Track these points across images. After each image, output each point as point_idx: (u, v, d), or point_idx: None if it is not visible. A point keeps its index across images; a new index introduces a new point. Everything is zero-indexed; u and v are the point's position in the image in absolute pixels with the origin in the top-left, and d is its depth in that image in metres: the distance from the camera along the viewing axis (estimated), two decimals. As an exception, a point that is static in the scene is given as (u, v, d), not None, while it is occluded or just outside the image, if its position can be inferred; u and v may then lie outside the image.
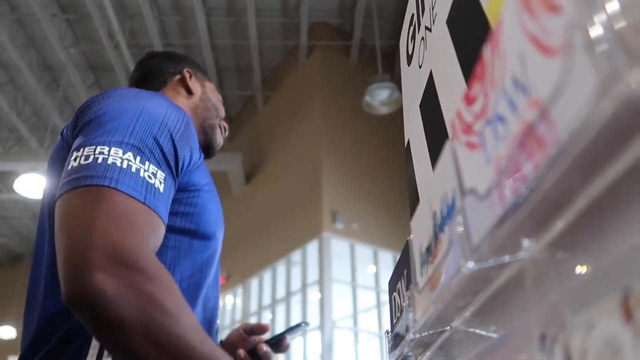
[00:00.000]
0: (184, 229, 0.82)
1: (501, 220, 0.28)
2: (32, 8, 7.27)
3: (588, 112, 0.20)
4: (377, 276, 7.34)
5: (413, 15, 0.78)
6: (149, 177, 0.71)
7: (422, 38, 0.71)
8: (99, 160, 0.68)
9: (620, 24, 0.18)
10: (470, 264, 0.31)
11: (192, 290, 0.82)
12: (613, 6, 0.19)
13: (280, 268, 7.79)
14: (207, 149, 1.08)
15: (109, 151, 0.70)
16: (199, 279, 0.84)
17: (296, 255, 7.38)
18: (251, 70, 8.87)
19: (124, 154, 0.70)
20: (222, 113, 1.11)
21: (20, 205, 11.63)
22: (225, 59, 8.87)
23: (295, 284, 7.38)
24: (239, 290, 8.71)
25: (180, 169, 0.78)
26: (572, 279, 0.28)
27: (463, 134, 0.32)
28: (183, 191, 0.82)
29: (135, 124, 0.75)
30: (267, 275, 8.07)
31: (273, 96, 9.26)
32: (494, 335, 0.44)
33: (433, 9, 0.66)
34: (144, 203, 0.68)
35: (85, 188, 0.66)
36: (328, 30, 8.55)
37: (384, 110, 6.34)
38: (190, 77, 1.09)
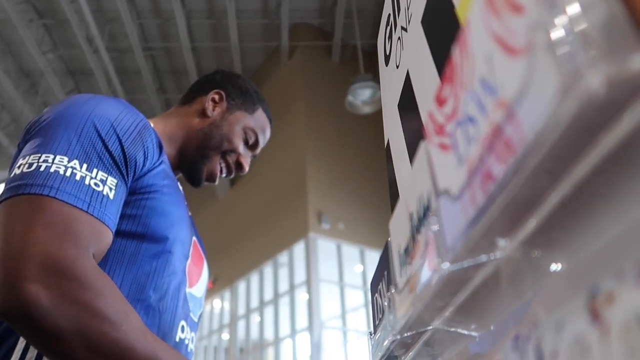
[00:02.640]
0: (130, 232, 0.79)
1: (474, 221, 0.28)
2: (8, 14, 7.16)
3: (552, 112, 0.20)
4: (364, 275, 7.36)
5: (389, 15, 0.79)
6: (96, 184, 0.70)
7: (399, 38, 0.72)
8: (42, 169, 0.67)
9: (581, 24, 0.18)
10: (445, 265, 0.31)
11: (134, 294, 0.78)
12: (573, 6, 0.19)
13: (268, 270, 7.77)
14: (190, 175, 1.03)
15: (53, 159, 0.68)
16: (144, 284, 0.79)
17: (283, 257, 7.38)
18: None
19: (69, 161, 0.69)
20: (229, 148, 1.03)
21: (1, 214, 11.45)
22: (206, 62, 8.83)
23: (283, 286, 7.37)
24: (227, 294, 8.67)
25: (132, 173, 0.77)
26: (546, 277, 0.28)
27: (436, 135, 0.32)
28: (133, 194, 0.79)
29: (82, 130, 0.73)
30: (254, 278, 8.04)
31: (256, 98, 9.22)
32: (475, 334, 0.44)
33: (408, 9, 0.66)
34: (86, 211, 0.67)
35: (24, 196, 0.65)
36: (309, 30, 8.56)
37: (367, 109, 6.37)
38: (220, 100, 1.06)
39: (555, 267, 0.29)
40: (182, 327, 0.86)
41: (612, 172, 0.22)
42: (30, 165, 0.68)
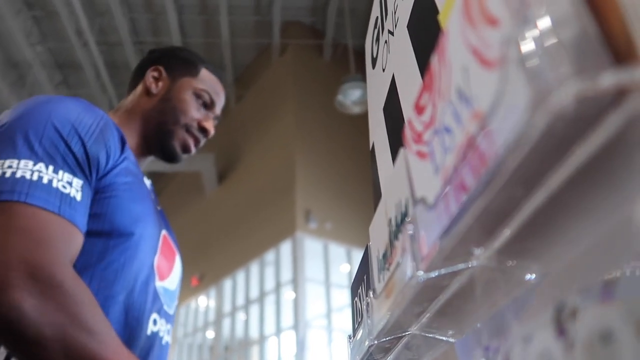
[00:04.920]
0: (96, 231, 0.78)
1: (449, 230, 0.28)
2: (-4, 4, 7.06)
3: (523, 126, 0.20)
4: (350, 275, 7.37)
5: (377, 18, 0.79)
6: (63, 186, 0.70)
7: (386, 41, 0.72)
8: (7, 175, 0.67)
9: (552, 39, 0.19)
10: (420, 273, 0.31)
11: (103, 291, 0.77)
12: (545, 22, 0.19)
13: (254, 268, 7.75)
14: (164, 154, 1.01)
15: (18, 164, 0.68)
16: (112, 281, 0.79)
17: (270, 255, 7.36)
18: (223, 68, 8.80)
19: (34, 165, 0.69)
20: (187, 120, 1.00)
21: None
22: (197, 58, 8.77)
23: (269, 284, 7.36)
24: (212, 292, 8.64)
25: (95, 173, 0.77)
26: (518, 289, 0.28)
27: (414, 142, 0.32)
28: (97, 193, 0.78)
29: (43, 133, 0.73)
30: (240, 276, 8.02)
31: (246, 95, 9.21)
32: (452, 340, 0.44)
33: (395, 12, 0.66)
34: (58, 214, 0.68)
35: None
36: (301, 29, 8.55)
37: (357, 109, 6.37)
38: (159, 75, 1.03)
39: (529, 276, 0.29)
40: (155, 320, 0.86)
41: (582, 187, 0.22)
42: None
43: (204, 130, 1.02)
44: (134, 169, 0.88)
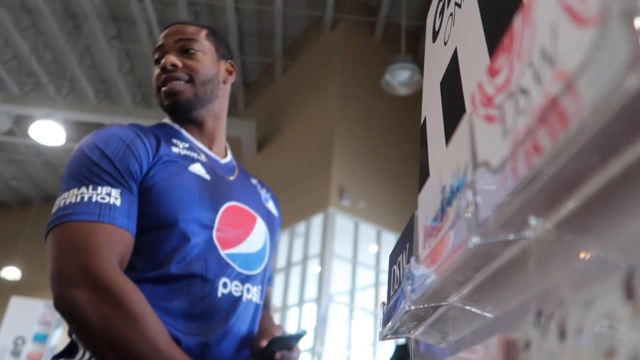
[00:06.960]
0: (150, 227, 0.92)
1: (511, 195, 0.27)
2: (60, -47, 7.19)
3: (614, 86, 0.19)
4: (378, 256, 7.37)
5: (444, -10, 0.77)
6: (102, 198, 0.88)
7: (451, 14, 0.70)
8: (60, 205, 0.88)
9: (661, -5, 0.18)
10: (475, 239, 0.30)
11: (158, 270, 0.91)
12: (656, -24, 0.18)
13: (284, 238, 7.83)
14: (170, 114, 1.10)
15: (67, 194, 0.88)
16: (169, 261, 0.91)
17: (300, 227, 7.42)
18: (273, 37, 8.78)
19: (78, 190, 0.88)
20: (155, 86, 1.09)
21: (33, 150, 11.73)
22: (248, 24, 8.78)
23: (297, 255, 7.44)
24: (241, 256, 8.77)
25: (132, 180, 0.92)
26: (576, 261, 0.28)
27: (482, 106, 0.32)
28: (142, 193, 0.93)
29: (80, 164, 0.91)
30: (269, 244, 8.11)
31: (292, 66, 9.18)
32: (489, 315, 0.44)
33: (465, -16, 0.64)
34: (97, 221, 0.85)
35: (54, 229, 0.86)
36: (354, 4, 8.42)
37: (403, 91, 6.28)
38: None
39: (586, 253, 0.29)
40: (225, 283, 0.96)
41: (666, 157, 0.21)
42: (56, 206, 0.89)
43: (164, 81, 1.06)
44: (177, 159, 0.98)
